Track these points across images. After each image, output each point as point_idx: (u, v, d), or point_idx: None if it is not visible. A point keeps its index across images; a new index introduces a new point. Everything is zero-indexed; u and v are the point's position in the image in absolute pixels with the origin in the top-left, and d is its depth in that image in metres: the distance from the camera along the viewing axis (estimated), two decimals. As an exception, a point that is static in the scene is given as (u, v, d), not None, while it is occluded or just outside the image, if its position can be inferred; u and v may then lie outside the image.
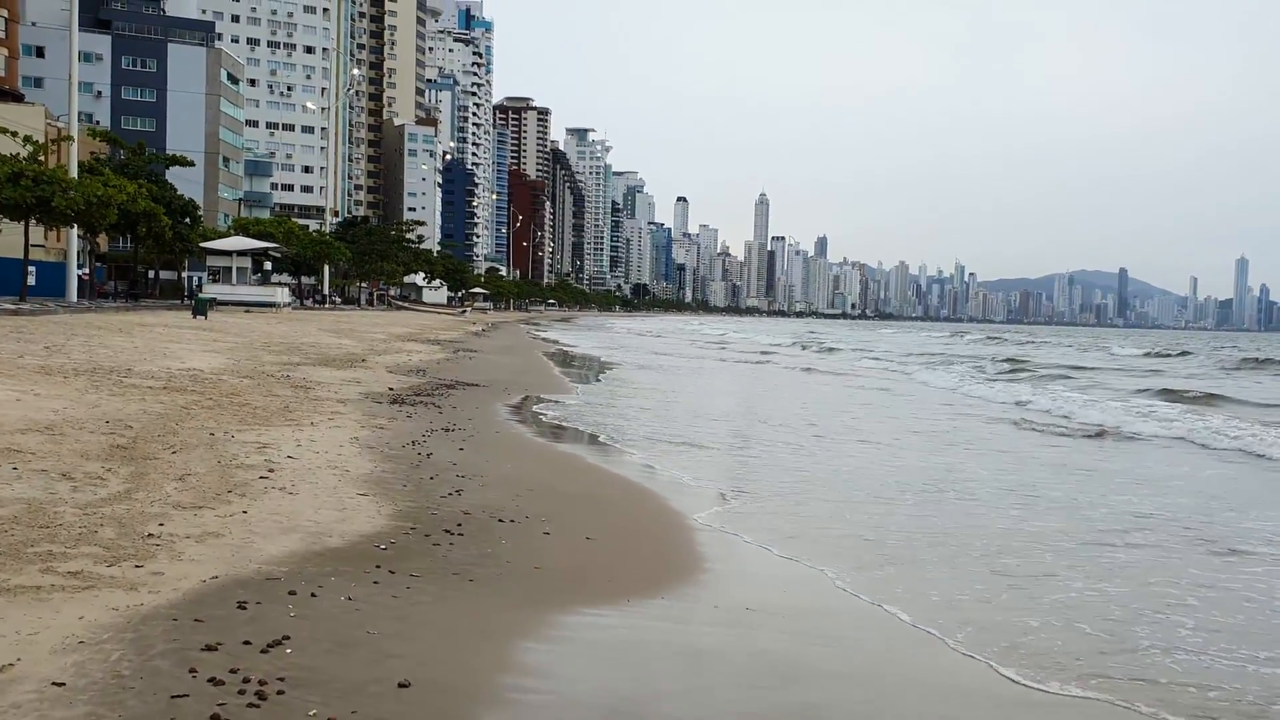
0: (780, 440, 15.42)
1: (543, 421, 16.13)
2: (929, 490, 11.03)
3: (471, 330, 56.32)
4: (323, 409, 14.05)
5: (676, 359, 43.17)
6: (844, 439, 16.00)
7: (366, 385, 18.85)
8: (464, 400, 17.71)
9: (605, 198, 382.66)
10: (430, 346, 35.49)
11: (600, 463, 11.95)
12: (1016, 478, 12.40)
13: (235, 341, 27.71)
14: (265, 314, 49.58)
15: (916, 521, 9.26)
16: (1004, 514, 9.83)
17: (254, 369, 20.06)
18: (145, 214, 45.31)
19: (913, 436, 16.87)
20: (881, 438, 16.32)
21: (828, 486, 11.14)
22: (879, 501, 10.27)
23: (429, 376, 22.47)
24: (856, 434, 16.84)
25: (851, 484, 11.38)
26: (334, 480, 8.71)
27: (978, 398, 26.16)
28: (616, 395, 23.06)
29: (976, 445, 15.97)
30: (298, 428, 11.81)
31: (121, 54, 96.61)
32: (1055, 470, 13.33)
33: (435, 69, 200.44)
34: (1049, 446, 16.11)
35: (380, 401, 16.00)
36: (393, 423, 13.29)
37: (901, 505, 10.12)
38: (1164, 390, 29.62)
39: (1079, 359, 56.46)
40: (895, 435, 16.84)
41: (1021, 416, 20.85)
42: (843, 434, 16.73)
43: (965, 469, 13.00)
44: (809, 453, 14.04)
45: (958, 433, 17.65)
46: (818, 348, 61.19)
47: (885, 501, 10.28)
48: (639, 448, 13.73)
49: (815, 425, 17.89)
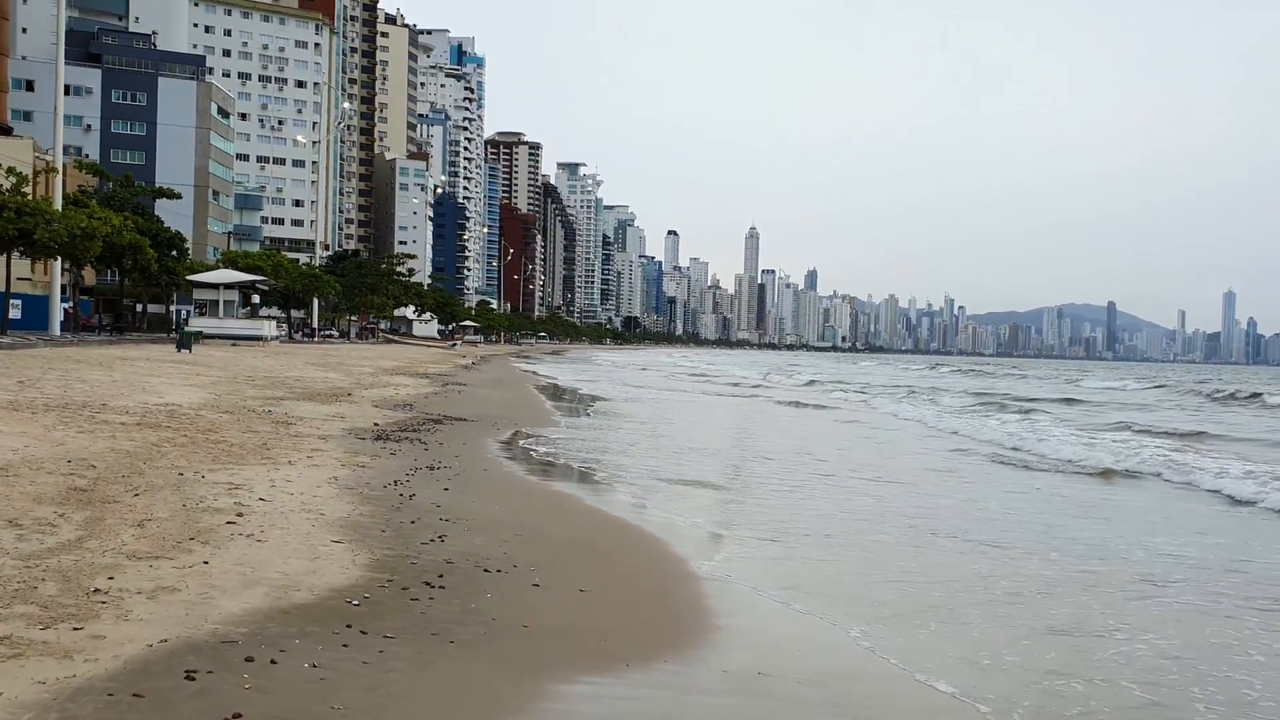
0: (775, 476, 14.83)
1: (532, 458, 15.50)
2: (940, 532, 10.43)
3: (461, 364, 55.66)
4: (303, 446, 13.41)
5: (664, 392, 42.59)
6: (838, 474, 15.41)
7: (351, 421, 18.21)
8: (451, 436, 17.08)
9: (596, 231, 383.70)
10: (418, 380, 34.84)
11: (593, 503, 11.33)
12: (1028, 517, 11.81)
13: (218, 375, 27.04)
14: (252, 347, 48.91)
15: (937, 567, 8.65)
16: (1031, 557, 9.24)
17: (235, 404, 19.41)
18: (131, 247, 44.76)
19: (909, 473, 16.29)
20: (876, 473, 15.74)
21: (832, 526, 10.53)
22: (891, 543, 9.67)
23: (416, 411, 21.83)
24: (850, 469, 16.26)
25: (856, 523, 10.78)
26: (307, 525, 8.06)
27: (963, 434, 25.62)
28: (607, 429, 22.45)
29: (979, 482, 15.40)
30: (274, 466, 11.17)
31: (111, 87, 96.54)
32: (1059, 508, 12.76)
33: (427, 104, 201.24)
34: (1049, 484, 15.54)
35: (364, 438, 15.36)
36: (375, 461, 12.65)
37: (915, 547, 9.51)
38: (1143, 428, 29.09)
39: (1056, 391, 56.49)
40: (890, 471, 16.27)
41: (1019, 451, 20.30)
42: (837, 469, 16.14)
43: (974, 507, 12.41)
44: (806, 490, 13.45)
45: (955, 470, 17.08)
46: (799, 381, 60.72)
47: (897, 544, 9.67)
48: (632, 486, 13.12)
49: (808, 460, 17.31)
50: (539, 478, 13.24)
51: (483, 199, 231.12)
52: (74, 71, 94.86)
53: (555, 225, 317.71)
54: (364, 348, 70.40)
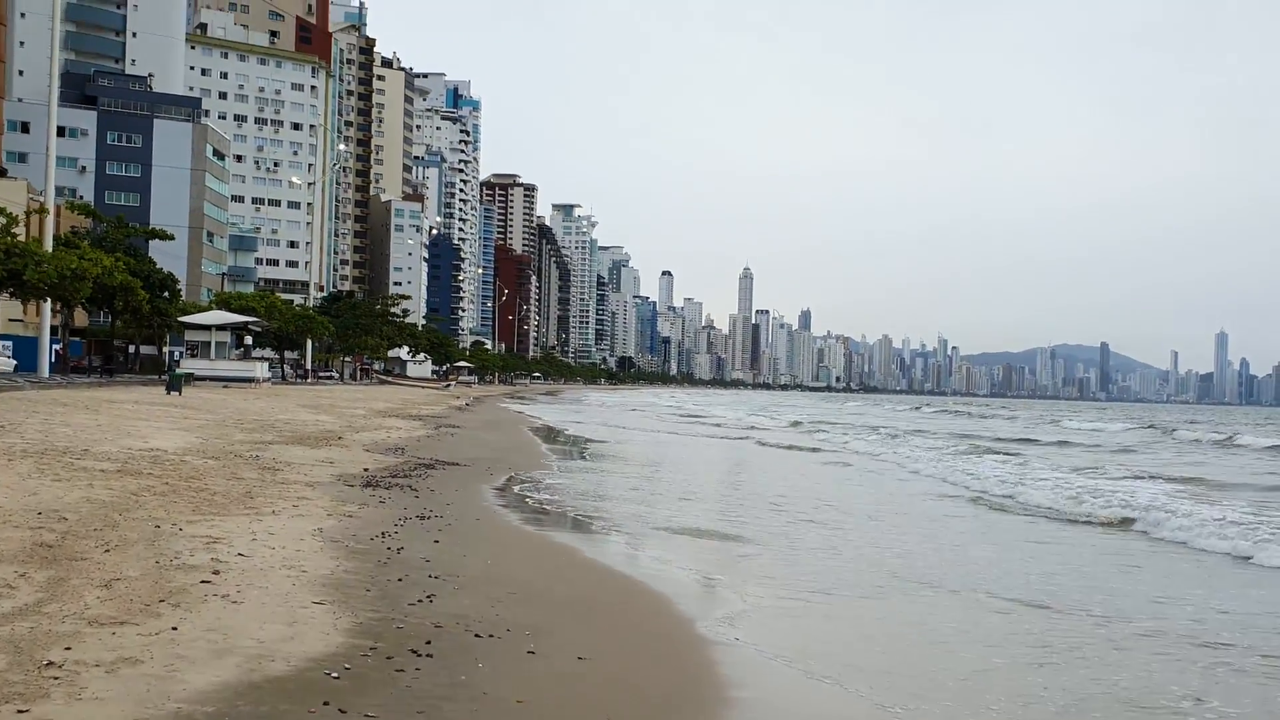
0: (773, 523, 14.36)
1: (527, 505, 14.99)
2: (963, 586, 9.95)
3: (455, 405, 55.11)
4: (289, 494, 12.90)
5: (656, 434, 42.08)
6: (834, 521, 14.93)
7: (340, 466, 17.70)
8: (443, 482, 16.56)
9: (591, 272, 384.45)
10: (411, 422, 34.32)
11: (590, 555, 10.82)
12: (1036, 569, 11.33)
13: (207, 419, 26.52)
14: (244, 389, 48.34)
15: (976, 629, 8.16)
16: (1071, 620, 8.72)
17: (222, 449, 18.90)
18: (122, 288, 44.31)
19: (905, 519, 15.82)
20: (871, 520, 15.27)
21: (839, 579, 10.05)
22: (900, 599, 9.18)
23: (408, 455, 21.32)
24: (846, 515, 15.82)
25: (861, 575, 10.30)
26: (288, 584, 7.56)
27: (950, 478, 25.15)
28: (603, 474, 21.95)
29: (996, 536, 14.92)
30: (257, 517, 10.67)
31: (107, 129, 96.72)
32: (1069, 562, 12.28)
33: (423, 146, 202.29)
34: (1053, 535, 15.07)
35: (352, 484, 14.85)
36: (363, 510, 12.14)
37: (938, 604, 9.03)
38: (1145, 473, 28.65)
39: (1036, 432, 56.21)
40: (885, 517, 15.79)
41: (1009, 497, 19.82)
42: (833, 515, 15.67)
43: (988, 561, 11.93)
44: (806, 539, 12.96)
45: (947, 517, 16.60)
46: (784, 422, 60.25)
47: (906, 598, 9.19)
48: (629, 535, 12.62)
49: (803, 506, 16.84)
50: (534, 527, 12.73)
51: (478, 240, 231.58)
52: (70, 113, 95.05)
53: (550, 266, 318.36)
54: (357, 389, 69.87)
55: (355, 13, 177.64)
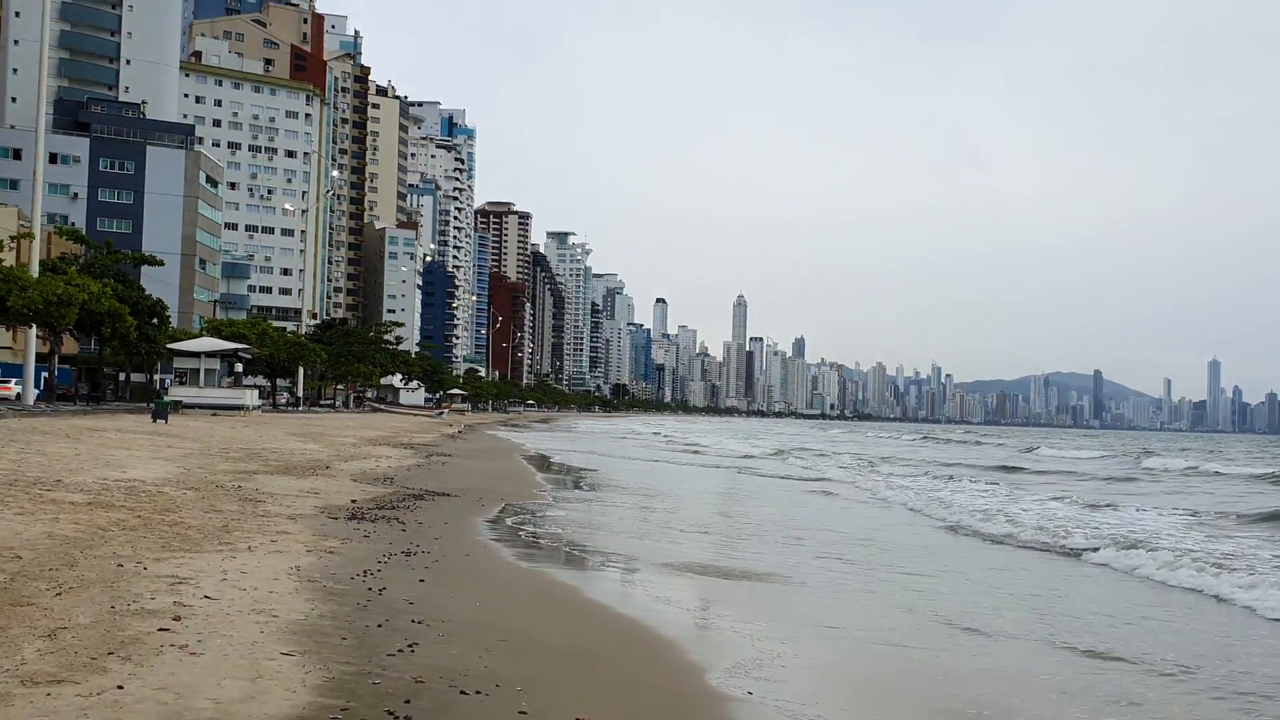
0: (776, 556, 13.69)
1: (519, 539, 14.27)
2: (959, 621, 9.27)
3: (447, 433, 54.33)
4: (268, 528, 12.19)
5: (655, 463, 41.36)
6: (835, 554, 14.26)
7: (325, 497, 16.98)
8: (432, 514, 15.85)
9: (585, 299, 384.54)
10: (402, 451, 33.57)
11: (589, 595, 10.12)
12: (1055, 610, 10.67)
13: (191, 447, 25.78)
14: (233, 417, 47.56)
15: (985, 671, 7.49)
16: (1143, 672, 8.07)
17: (203, 479, 18.18)
18: (110, 314, 43.63)
19: (906, 551, 15.17)
20: (868, 552, 14.60)
21: (849, 617, 9.38)
22: (917, 638, 8.51)
23: (396, 485, 20.59)
24: (845, 547, 15.14)
25: (870, 611, 9.62)
26: (255, 631, 6.86)
27: (937, 508, 24.51)
28: (596, 504, 21.26)
29: (980, 566, 14.25)
30: (231, 554, 9.96)
31: (99, 156, 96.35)
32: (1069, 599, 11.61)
33: (417, 174, 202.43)
34: (1039, 566, 14.40)
35: (336, 517, 14.13)
36: (346, 545, 11.43)
37: (946, 640, 8.35)
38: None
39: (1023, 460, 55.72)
40: (881, 549, 15.13)
41: (1012, 534, 19.16)
42: (832, 548, 15.00)
43: (979, 589, 11.27)
44: (810, 575, 12.29)
45: (939, 548, 15.95)
46: (767, 449, 59.69)
47: (921, 637, 8.51)
48: (630, 571, 11.93)
49: (804, 539, 16.19)
50: (527, 564, 12.02)
51: (472, 268, 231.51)
52: (62, 140, 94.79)
53: (544, 293, 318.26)
54: (348, 417, 69.05)
55: (350, 41, 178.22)
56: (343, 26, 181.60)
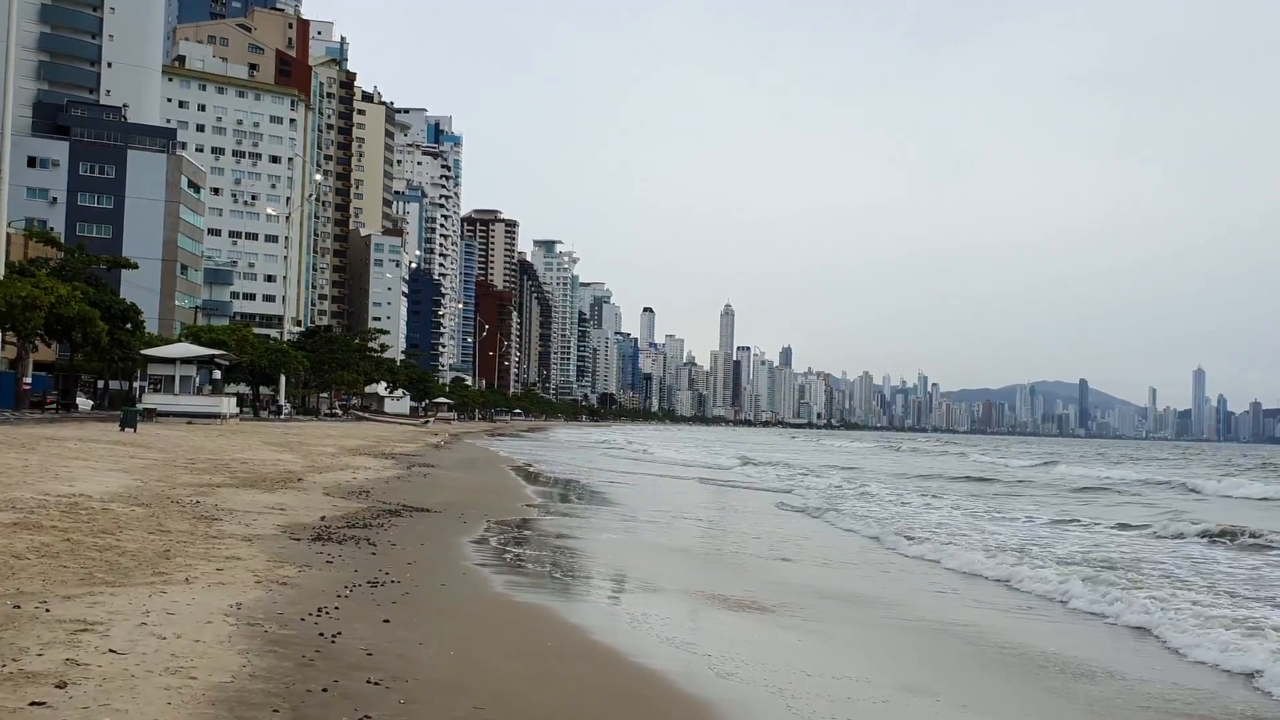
0: (782, 578, 12.23)
1: (504, 562, 12.75)
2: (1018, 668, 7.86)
3: (431, 442, 52.70)
4: (217, 552, 10.65)
5: (646, 476, 39.89)
6: (858, 578, 12.83)
7: (291, 514, 15.42)
8: (408, 533, 14.31)
9: (572, 308, 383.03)
10: (382, 461, 31.98)
11: (586, 635, 8.62)
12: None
13: (155, 458, 24.16)
14: (209, 426, 45.89)
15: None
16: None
17: (158, 493, 16.60)
18: (80, 318, 41.91)
19: (908, 584, 13.75)
20: (879, 585, 13.18)
21: (915, 661, 7.93)
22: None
23: (372, 500, 19.04)
24: (858, 578, 13.71)
25: (917, 661, 8.20)
26: (162, 703, 5.31)
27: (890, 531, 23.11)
28: (591, 521, 19.73)
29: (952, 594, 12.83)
30: (163, 587, 8.43)
31: (79, 160, 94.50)
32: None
33: (403, 181, 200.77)
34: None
35: (299, 538, 12.58)
36: (304, 574, 9.89)
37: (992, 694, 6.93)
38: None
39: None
40: (885, 584, 13.70)
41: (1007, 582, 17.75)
42: (855, 572, 13.57)
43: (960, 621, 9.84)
44: (837, 607, 10.84)
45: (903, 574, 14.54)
46: (765, 463, 58.05)
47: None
48: (631, 603, 10.44)
49: (808, 561, 14.73)
50: (513, 593, 10.50)
51: (459, 275, 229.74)
52: (40, 144, 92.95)
53: (531, 302, 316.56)
54: (329, 426, 67.33)
55: (336, 47, 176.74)
56: (329, 33, 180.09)
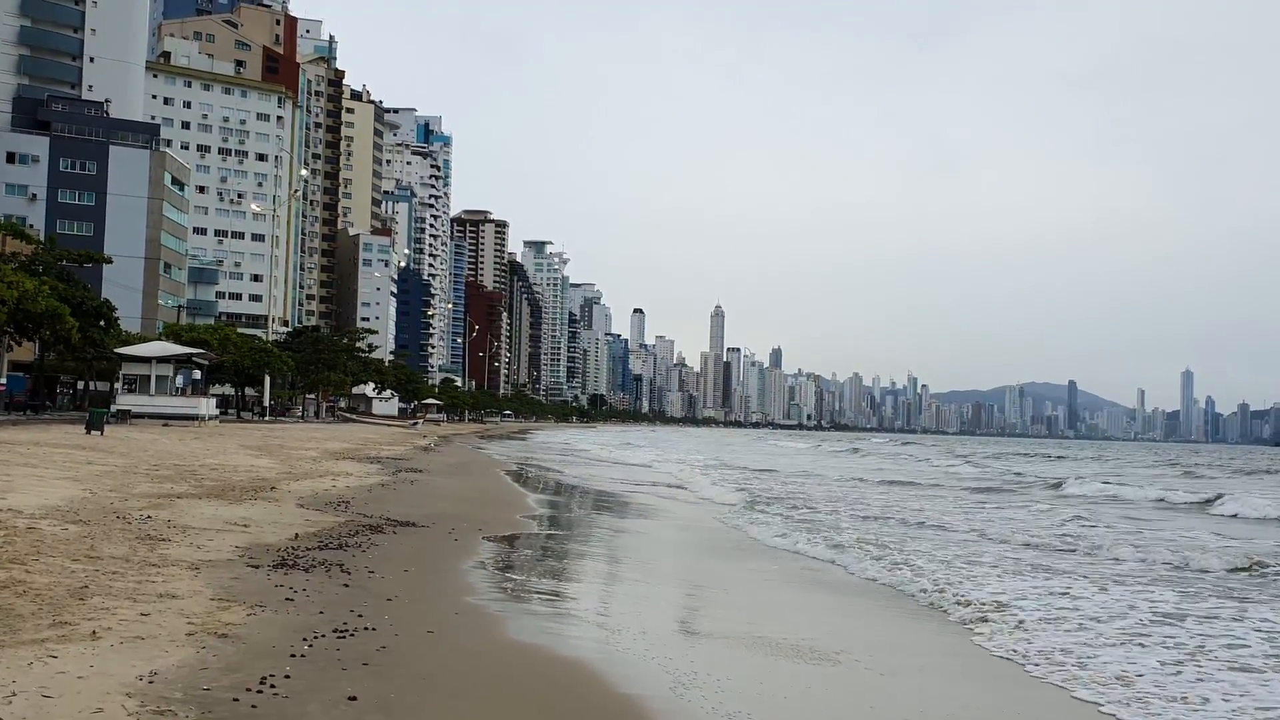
0: (818, 612, 10.27)
1: (507, 593, 10.71)
2: None
3: (419, 445, 50.58)
4: (149, 588, 8.61)
5: (653, 488, 37.92)
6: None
7: (256, 531, 13.36)
8: (391, 554, 12.27)
9: (562, 309, 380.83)
10: (367, 466, 29.88)
11: (621, 705, 6.63)
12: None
13: (115, 465, 22.05)
14: (186, 428, 43.75)
15: None
16: None
17: (107, 506, 14.53)
18: (48, 315, 39.69)
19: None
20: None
21: None
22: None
23: (352, 512, 16.97)
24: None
25: None
26: None
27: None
28: (600, 538, 17.71)
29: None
30: (58, 646, 6.39)
31: (60, 156, 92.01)
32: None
33: (393, 181, 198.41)
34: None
35: (259, 564, 10.52)
36: (254, 618, 7.85)
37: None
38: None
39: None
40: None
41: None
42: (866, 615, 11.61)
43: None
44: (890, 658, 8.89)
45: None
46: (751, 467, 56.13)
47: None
48: (672, 657, 8.44)
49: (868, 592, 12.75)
50: (523, 640, 8.47)
51: (448, 276, 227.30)
52: (20, 139, 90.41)
53: (521, 303, 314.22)
54: (314, 427, 65.14)
55: (325, 46, 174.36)
56: (317, 31, 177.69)
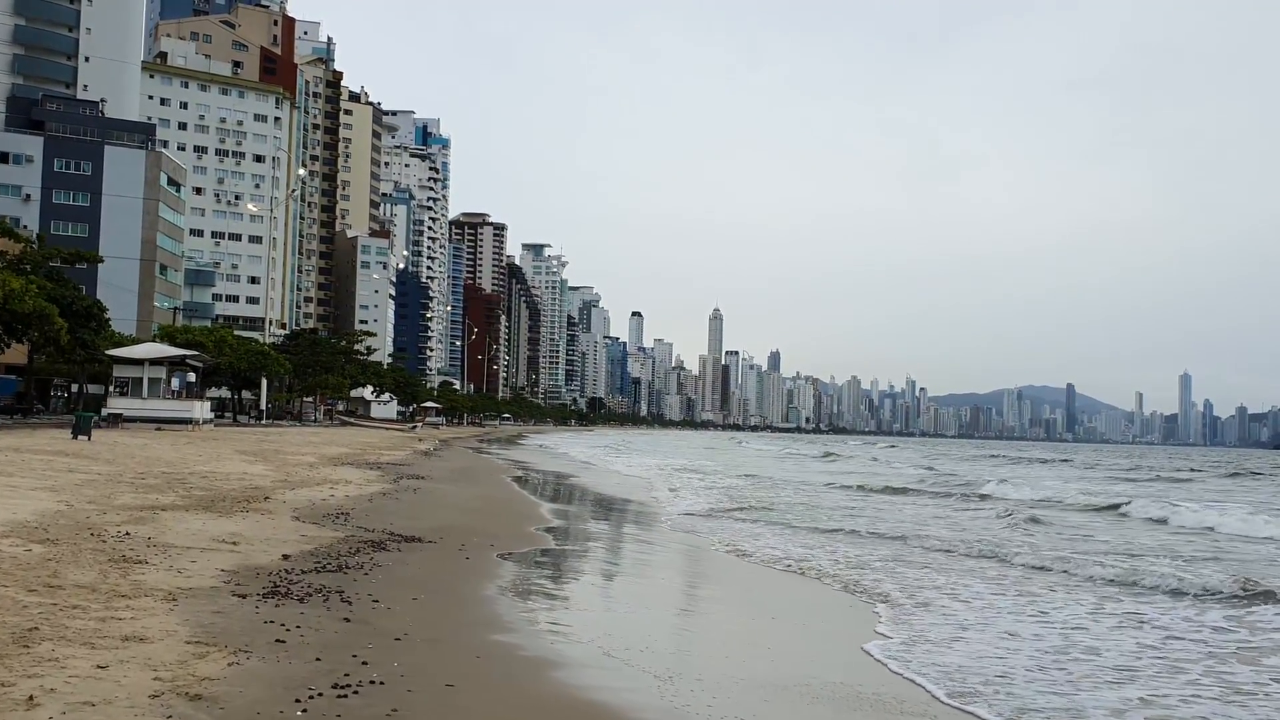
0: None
1: (538, 628, 9.34)
2: None
3: (420, 449, 49.16)
4: (113, 627, 7.23)
5: (670, 492, 36.52)
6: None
7: (246, 550, 11.97)
8: (395, 578, 10.89)
9: (561, 312, 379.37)
10: (367, 473, 28.49)
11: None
12: None
13: (98, 473, 20.66)
14: (179, 432, 42.35)
15: None
16: None
17: (81, 522, 13.14)
18: (36, 315, 38.29)
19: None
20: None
21: None
22: None
23: (352, 525, 15.58)
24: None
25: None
26: None
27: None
28: (630, 553, 16.32)
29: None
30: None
31: (54, 156, 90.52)
32: None
33: (391, 183, 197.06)
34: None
35: (246, 593, 9.13)
36: (235, 670, 6.45)
37: None
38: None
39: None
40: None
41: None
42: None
43: None
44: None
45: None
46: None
47: None
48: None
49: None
50: (559, 688, 7.11)
51: (447, 279, 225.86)
52: (14, 139, 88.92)
53: (520, 306, 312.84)
54: (311, 431, 63.72)
55: (323, 47, 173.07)
56: (315, 33, 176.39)
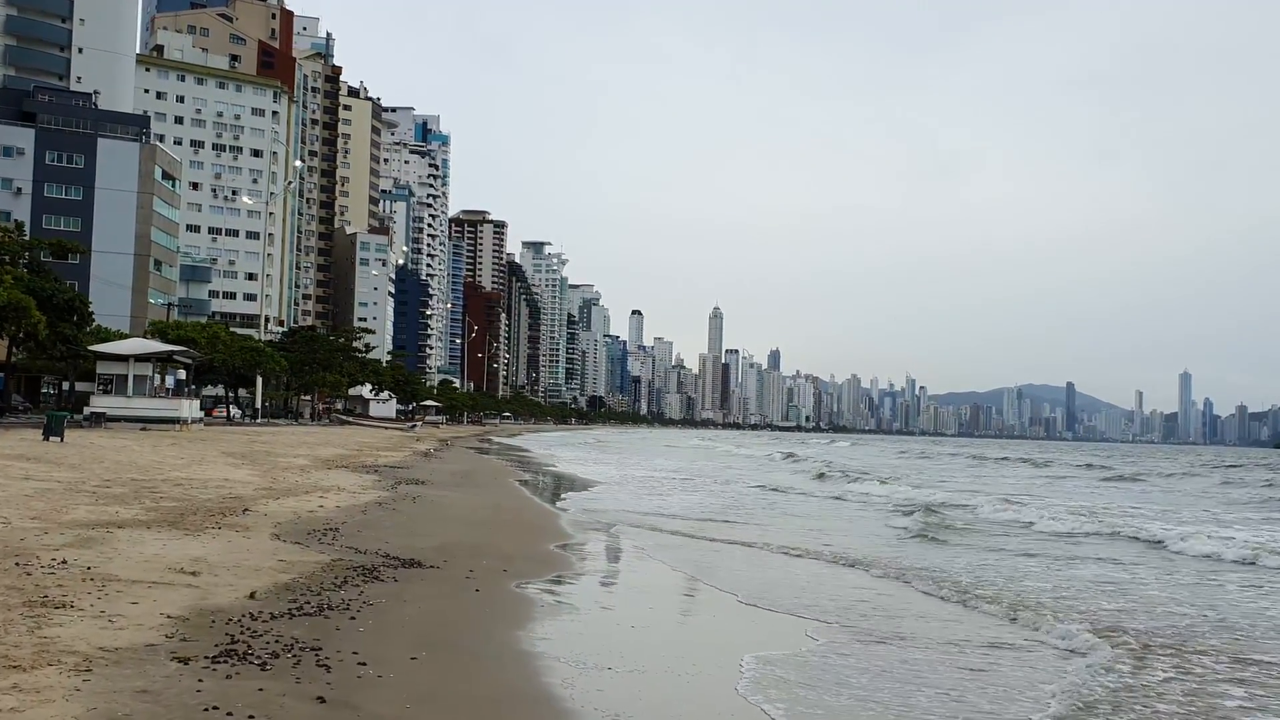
0: None
1: (571, 698, 7.16)
2: None
3: (420, 450, 46.94)
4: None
5: (685, 494, 34.27)
6: None
7: (207, 583, 9.75)
8: (389, 621, 8.69)
9: (561, 310, 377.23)
10: (362, 478, 26.25)
11: None
12: None
13: (58, 480, 18.44)
14: (165, 432, 40.17)
15: None
16: None
17: (12, 545, 10.91)
18: (12, 307, 36.11)
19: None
20: None
21: None
22: None
23: (341, 545, 13.34)
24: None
25: None
26: None
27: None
28: (681, 570, 14.10)
29: None
30: None
31: (46, 148, 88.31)
32: None
33: (390, 180, 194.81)
34: None
35: (190, 654, 6.89)
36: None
37: None
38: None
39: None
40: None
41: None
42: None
43: None
44: None
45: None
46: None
47: None
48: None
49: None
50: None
51: (446, 276, 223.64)
52: (4, 131, 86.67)
53: (520, 304, 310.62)
54: (306, 431, 61.51)
55: (322, 42, 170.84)
56: (314, 28, 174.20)
